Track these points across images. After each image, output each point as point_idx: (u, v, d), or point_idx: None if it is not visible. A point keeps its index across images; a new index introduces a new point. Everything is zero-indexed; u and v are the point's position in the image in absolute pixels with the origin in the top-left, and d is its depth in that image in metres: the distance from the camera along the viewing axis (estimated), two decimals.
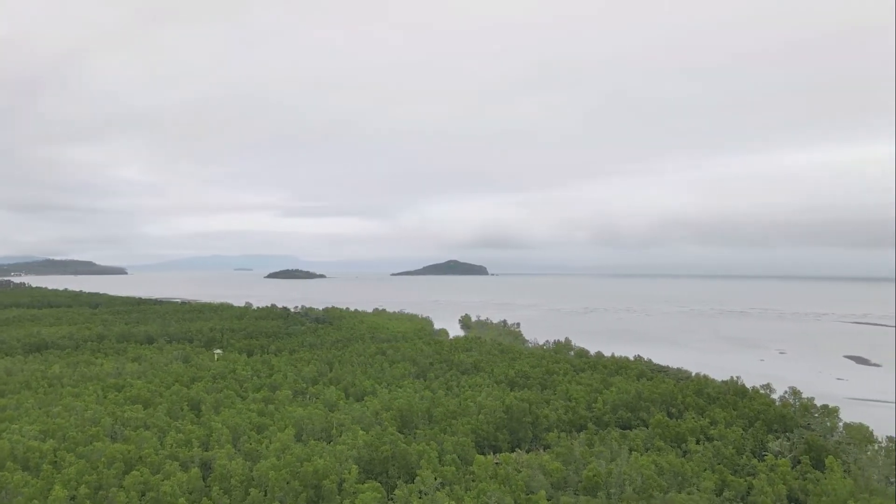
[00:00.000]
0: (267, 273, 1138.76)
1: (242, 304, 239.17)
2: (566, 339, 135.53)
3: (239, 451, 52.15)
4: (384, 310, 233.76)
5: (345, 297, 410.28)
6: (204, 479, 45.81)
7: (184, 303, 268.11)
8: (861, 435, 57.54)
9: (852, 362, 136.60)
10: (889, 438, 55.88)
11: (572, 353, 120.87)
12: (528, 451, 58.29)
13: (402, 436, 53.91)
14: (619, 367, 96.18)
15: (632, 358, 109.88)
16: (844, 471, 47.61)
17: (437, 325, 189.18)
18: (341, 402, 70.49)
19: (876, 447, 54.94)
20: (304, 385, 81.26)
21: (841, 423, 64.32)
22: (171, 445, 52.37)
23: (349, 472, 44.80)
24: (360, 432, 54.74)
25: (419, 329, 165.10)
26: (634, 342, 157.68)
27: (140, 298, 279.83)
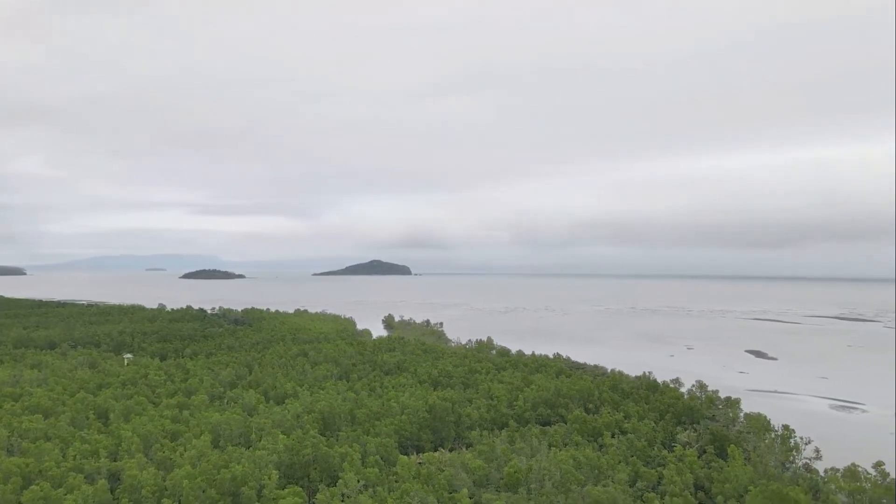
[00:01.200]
0: (182, 273, 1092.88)
1: (155, 306, 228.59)
2: (488, 338, 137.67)
3: (151, 460, 49.87)
4: (306, 310, 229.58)
5: (265, 297, 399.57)
6: (112, 492, 43.51)
7: (90, 305, 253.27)
8: (760, 424, 61.59)
9: (752, 356, 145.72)
10: (784, 427, 60.11)
11: (494, 351, 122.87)
12: (450, 450, 58.85)
13: (324, 438, 53.17)
14: (540, 365, 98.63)
15: (551, 356, 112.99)
16: (745, 458, 50.81)
17: (360, 326, 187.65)
18: (261, 405, 68.71)
19: (773, 435, 58.96)
20: (222, 389, 78.69)
21: (742, 414, 68.61)
22: (75, 457, 49.42)
23: (269, 478, 43.78)
24: (281, 436, 53.57)
25: (342, 330, 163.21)
26: (554, 340, 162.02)
27: (40, 301, 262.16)
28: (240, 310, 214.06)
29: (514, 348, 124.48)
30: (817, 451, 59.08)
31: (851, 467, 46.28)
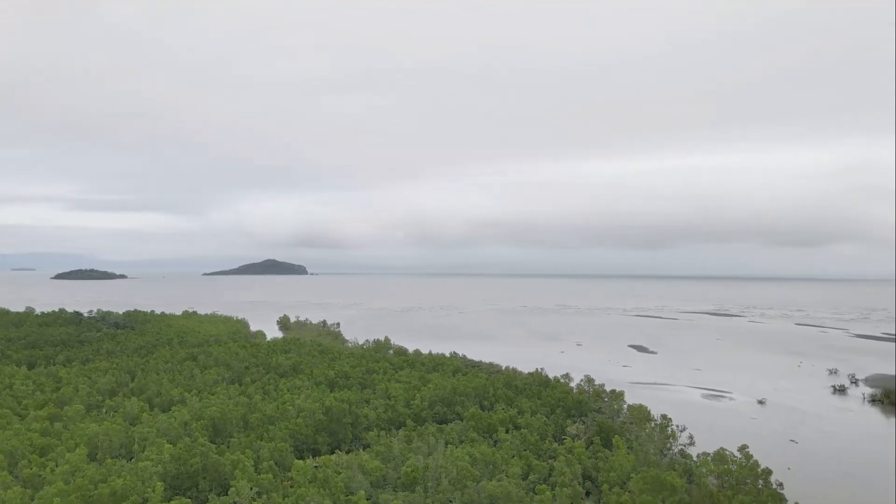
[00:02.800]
0: (55, 273, 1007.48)
1: (22, 309, 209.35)
2: (385, 337, 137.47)
3: (17, 477, 45.77)
4: (195, 312, 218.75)
5: (149, 298, 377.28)
6: None
7: None
8: (641, 415, 65.72)
9: (635, 351, 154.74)
10: (663, 416, 64.49)
11: (391, 351, 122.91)
12: (347, 452, 58.29)
13: (214, 446, 50.98)
14: (436, 364, 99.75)
15: (448, 355, 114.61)
16: (628, 448, 53.96)
17: (253, 327, 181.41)
18: (145, 414, 64.86)
19: (653, 424, 63.11)
20: (100, 398, 73.54)
21: (625, 406, 72.92)
22: None
23: (153, 490, 41.46)
24: (167, 445, 50.83)
25: (234, 331, 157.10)
26: (450, 339, 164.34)
27: None
28: (121, 312, 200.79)
29: (411, 347, 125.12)
30: (691, 437, 63.91)
31: (720, 451, 50.42)
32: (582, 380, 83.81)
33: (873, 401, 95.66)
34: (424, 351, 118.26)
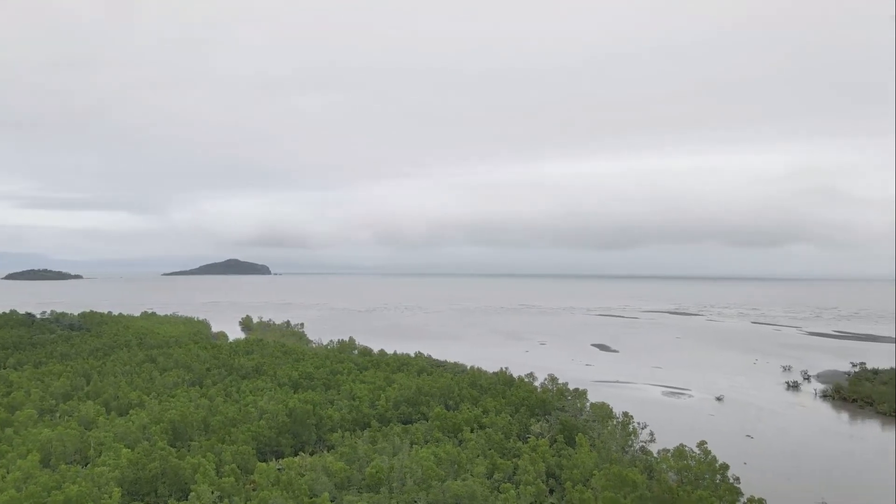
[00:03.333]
0: (6, 274, 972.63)
1: None
2: (350, 338, 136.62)
3: None
4: (154, 313, 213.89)
5: (107, 299, 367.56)
6: None
7: None
8: (603, 412, 66.73)
9: (597, 350, 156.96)
10: (625, 414, 65.57)
11: (356, 351, 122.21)
12: (311, 454, 57.75)
13: (174, 450, 49.95)
14: (401, 364, 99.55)
15: (413, 355, 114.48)
16: (591, 445, 54.71)
17: (215, 328, 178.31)
18: (101, 418, 63.13)
19: (615, 422, 64.13)
20: (54, 402, 71.36)
21: (588, 404, 73.91)
22: None
23: (110, 496, 40.42)
24: (125, 450, 49.57)
25: (195, 333, 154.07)
26: (415, 339, 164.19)
27: None
28: (76, 313, 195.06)
29: (376, 348, 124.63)
30: (652, 434, 65.11)
31: (680, 448, 51.51)
32: (546, 379, 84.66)
33: (825, 396, 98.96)
34: (389, 351, 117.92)
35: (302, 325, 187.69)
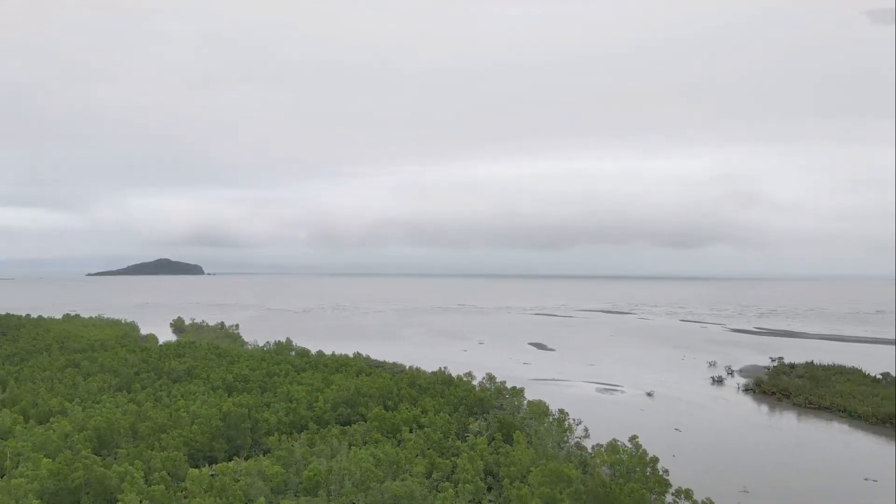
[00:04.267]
0: None
1: None
2: (287, 339, 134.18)
3: None
4: (78, 315, 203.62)
5: (24, 301, 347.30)
6: None
7: None
8: (540, 410, 68.06)
9: (534, 348, 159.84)
10: (560, 411, 67.10)
11: (293, 353, 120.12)
12: (247, 458, 56.47)
13: (99, 458, 47.80)
14: (340, 364, 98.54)
15: (351, 355, 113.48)
16: (528, 442, 55.72)
17: (144, 331, 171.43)
18: (18, 427, 59.68)
19: (551, 419, 65.51)
20: None
21: (525, 401, 75.19)
22: None
23: None
24: (45, 460, 47.05)
25: (122, 336, 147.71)
26: (354, 339, 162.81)
27: None
28: None
29: (313, 348, 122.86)
30: (586, 430, 66.92)
31: (613, 442, 53.15)
32: (484, 377, 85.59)
33: (746, 390, 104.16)
34: (327, 352, 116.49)
35: (237, 326, 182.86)
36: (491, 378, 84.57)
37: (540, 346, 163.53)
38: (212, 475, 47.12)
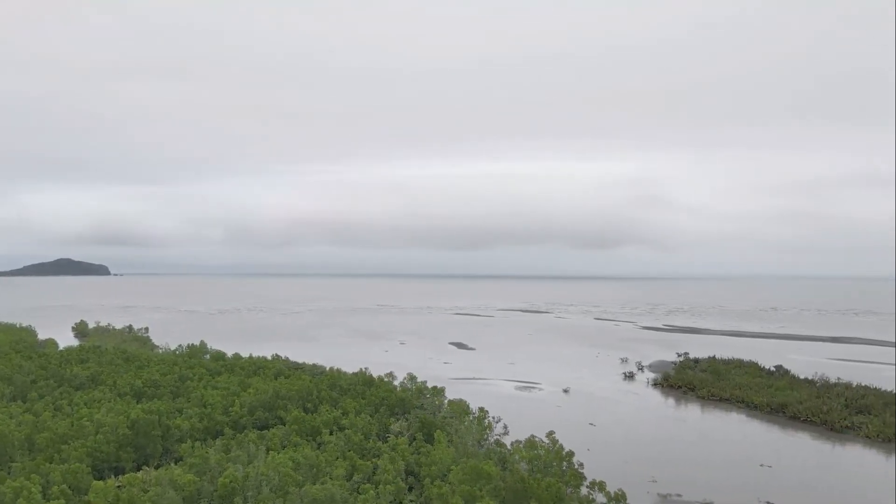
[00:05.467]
0: None
1: None
2: (201, 341, 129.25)
3: None
4: None
5: None
6: None
7: None
8: (460, 409, 68.85)
9: (455, 348, 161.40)
10: (480, 409, 68.13)
11: (208, 356, 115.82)
12: (157, 468, 54.00)
13: None
14: (258, 367, 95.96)
15: (270, 357, 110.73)
16: (448, 441, 56.24)
17: (42, 335, 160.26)
18: None
19: (471, 417, 66.40)
20: None
21: (446, 401, 75.87)
22: None
23: None
24: None
25: (17, 341, 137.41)
26: (272, 341, 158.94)
27: None
28: None
29: (230, 351, 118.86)
30: (506, 427, 68.31)
31: (530, 438, 54.53)
32: (405, 377, 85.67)
33: (655, 384, 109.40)
34: (245, 354, 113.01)
35: (146, 329, 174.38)
36: (412, 378, 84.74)
37: (460, 346, 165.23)
38: (118, 487, 44.74)
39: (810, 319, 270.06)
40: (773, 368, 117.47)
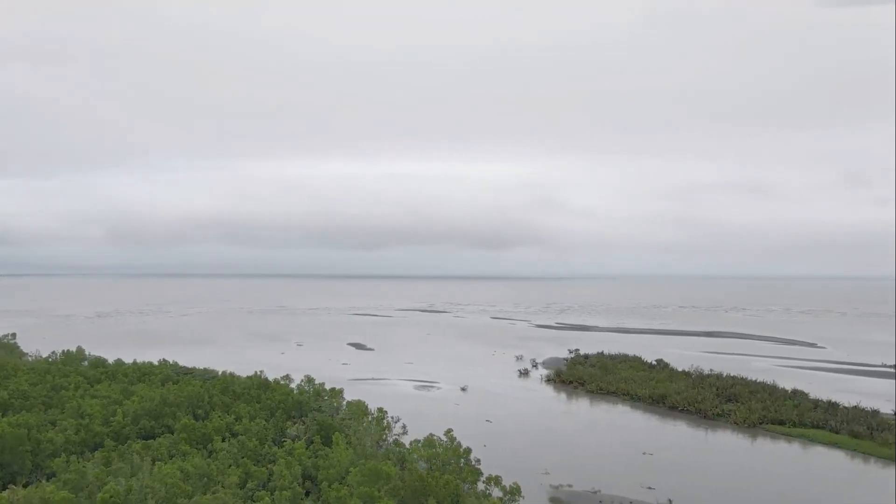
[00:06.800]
0: None
1: None
2: (79, 347, 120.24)
3: None
4: None
5: None
6: None
7: None
8: (359, 410, 68.41)
9: (354, 349, 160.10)
10: (379, 409, 68.03)
11: (86, 363, 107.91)
12: (25, 486, 49.74)
13: None
14: (143, 373, 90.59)
15: (157, 363, 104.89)
16: (347, 443, 55.76)
17: None
18: None
19: (370, 418, 66.16)
20: None
21: (345, 402, 75.16)
22: None
23: None
24: None
25: None
26: (160, 346, 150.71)
27: None
28: None
29: (111, 357, 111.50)
30: (404, 427, 68.67)
31: (429, 437, 55.15)
32: (303, 380, 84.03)
33: (548, 380, 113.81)
34: (128, 360, 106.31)
35: (13, 335, 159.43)
36: (310, 380, 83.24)
37: (359, 347, 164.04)
38: None
39: (687, 316, 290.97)
40: (654, 362, 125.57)
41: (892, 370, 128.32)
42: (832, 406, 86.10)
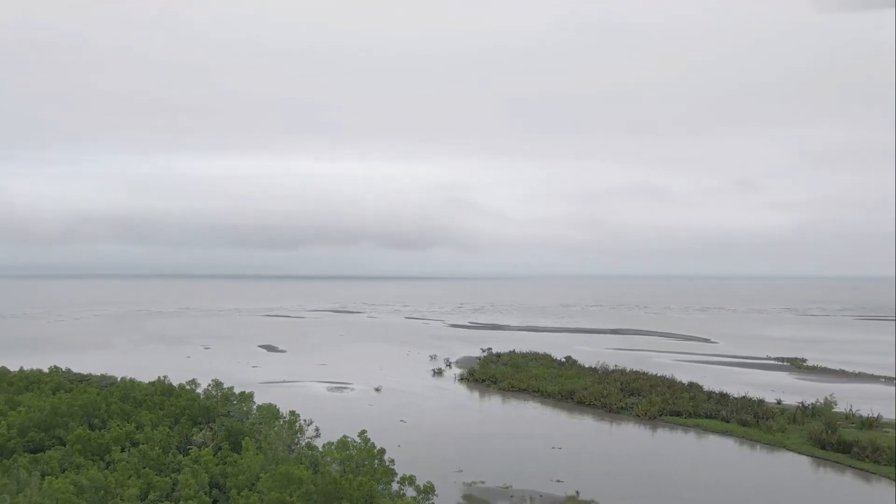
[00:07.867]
0: None
1: None
2: None
3: None
4: None
5: None
6: None
7: None
8: (270, 413, 66.69)
9: (265, 350, 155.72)
10: (291, 412, 66.56)
11: None
12: None
13: None
14: (30, 382, 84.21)
15: (46, 370, 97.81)
16: (257, 448, 54.21)
17: None
18: None
19: (281, 422, 64.61)
20: None
21: (255, 406, 73.01)
22: None
23: None
24: None
25: None
26: (49, 352, 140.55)
27: None
28: None
29: None
30: (317, 429, 67.48)
31: (342, 439, 54.56)
32: (210, 384, 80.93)
33: (462, 379, 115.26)
34: (13, 368, 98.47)
35: None
36: (217, 384, 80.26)
37: (270, 348, 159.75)
38: None
39: (594, 314, 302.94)
40: (563, 359, 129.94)
41: (776, 362, 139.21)
42: (723, 397, 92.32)
